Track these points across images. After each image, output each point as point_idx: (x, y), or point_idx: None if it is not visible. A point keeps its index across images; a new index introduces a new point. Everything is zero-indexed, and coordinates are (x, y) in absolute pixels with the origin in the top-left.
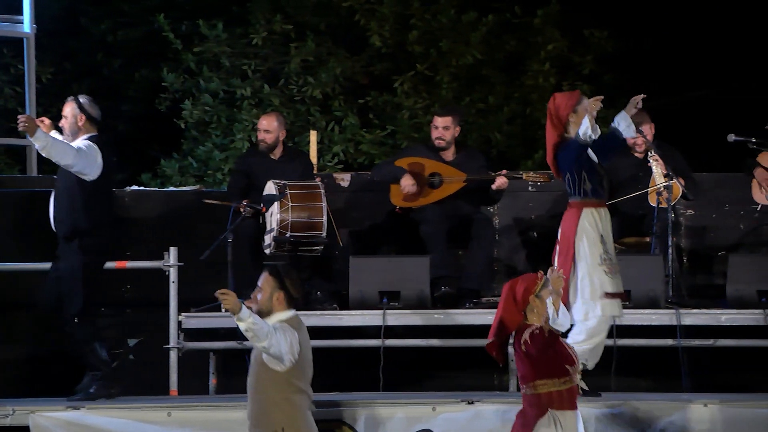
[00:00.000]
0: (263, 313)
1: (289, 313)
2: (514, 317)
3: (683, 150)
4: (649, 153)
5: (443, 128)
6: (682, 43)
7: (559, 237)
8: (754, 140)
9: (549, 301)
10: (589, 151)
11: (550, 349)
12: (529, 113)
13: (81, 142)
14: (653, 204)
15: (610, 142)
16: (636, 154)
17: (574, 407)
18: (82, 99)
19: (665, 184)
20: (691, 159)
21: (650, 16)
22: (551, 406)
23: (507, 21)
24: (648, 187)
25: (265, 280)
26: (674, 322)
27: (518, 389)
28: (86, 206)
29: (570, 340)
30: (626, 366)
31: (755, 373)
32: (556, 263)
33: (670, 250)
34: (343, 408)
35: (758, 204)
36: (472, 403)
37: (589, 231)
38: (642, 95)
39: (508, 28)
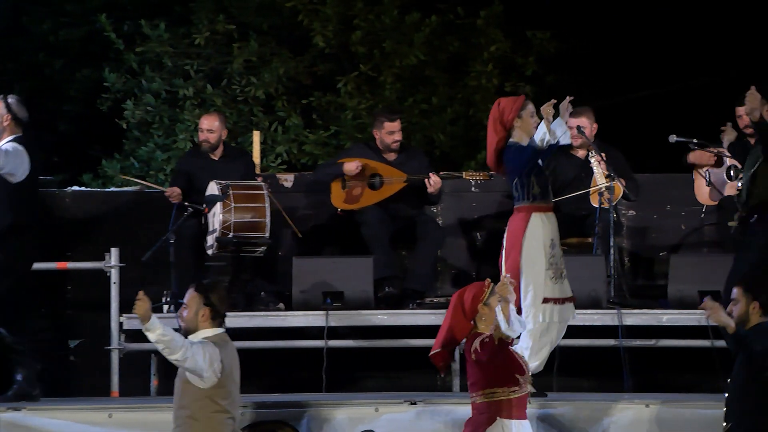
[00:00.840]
0: (189, 330)
1: (216, 331)
2: (463, 326)
3: (625, 150)
4: (590, 153)
5: (398, 131)
6: (623, 45)
7: (505, 242)
8: (695, 141)
9: (498, 309)
10: None
11: (500, 357)
12: (473, 114)
13: (7, 144)
14: (595, 204)
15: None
16: (577, 154)
17: (523, 416)
18: (10, 99)
19: (606, 184)
20: (633, 159)
21: (592, 17)
22: (500, 415)
23: (450, 22)
24: (590, 188)
25: (190, 296)
26: (616, 323)
27: (462, 389)
28: (8, 207)
29: (517, 347)
30: (568, 366)
31: (696, 373)
32: (503, 268)
33: (612, 251)
34: (285, 409)
35: (702, 205)
36: (414, 403)
37: (537, 236)
38: (570, 97)
39: (451, 29)
